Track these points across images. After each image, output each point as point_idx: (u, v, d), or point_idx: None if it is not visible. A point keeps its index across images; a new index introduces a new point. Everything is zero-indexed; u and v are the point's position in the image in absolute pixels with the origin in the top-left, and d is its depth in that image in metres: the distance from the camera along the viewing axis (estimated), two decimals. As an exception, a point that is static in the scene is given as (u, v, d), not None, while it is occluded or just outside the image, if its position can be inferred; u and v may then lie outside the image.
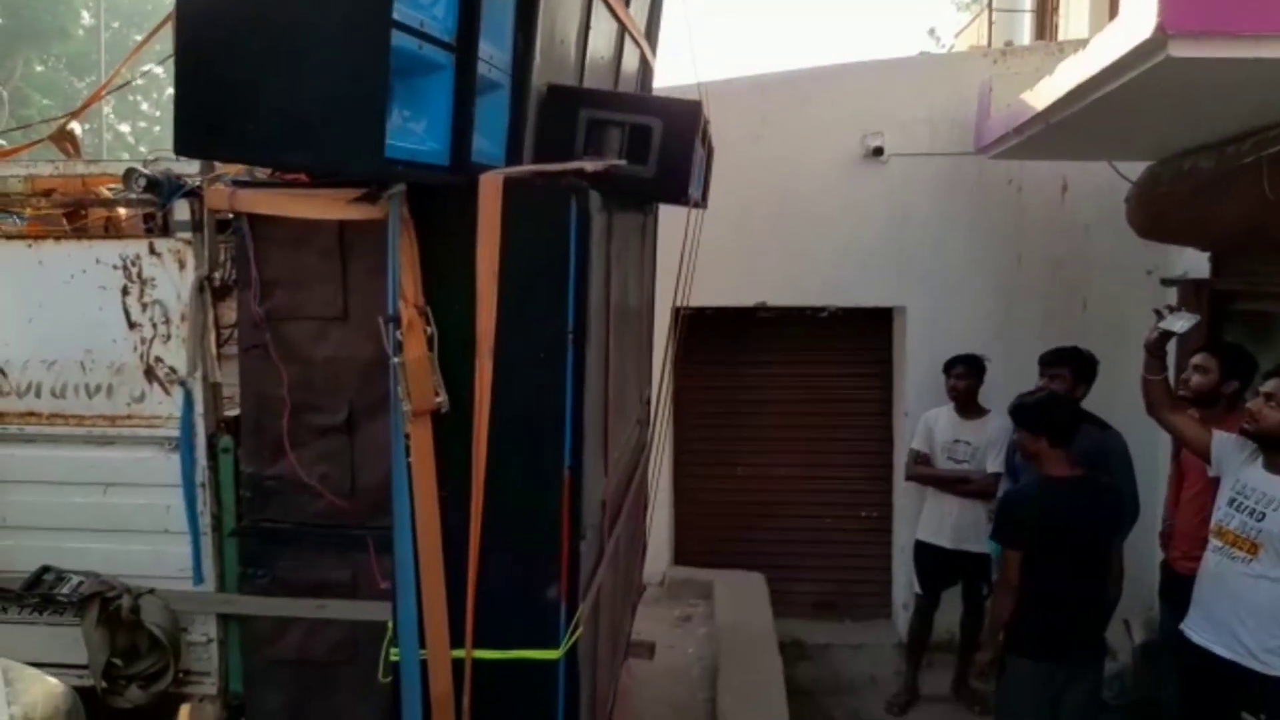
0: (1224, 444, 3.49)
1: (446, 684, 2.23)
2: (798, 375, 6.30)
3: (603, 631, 3.05)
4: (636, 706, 4.17)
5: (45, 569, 2.63)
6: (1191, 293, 4.91)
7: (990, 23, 9.35)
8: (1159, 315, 3.79)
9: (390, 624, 2.32)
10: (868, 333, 6.23)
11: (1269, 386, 3.30)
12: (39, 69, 23.88)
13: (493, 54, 2.20)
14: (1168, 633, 4.04)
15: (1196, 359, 3.91)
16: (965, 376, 5.10)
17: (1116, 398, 4.65)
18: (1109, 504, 3.80)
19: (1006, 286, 5.91)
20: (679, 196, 2.91)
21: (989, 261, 5.92)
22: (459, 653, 2.23)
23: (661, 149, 2.66)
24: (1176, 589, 3.85)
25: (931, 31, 15.21)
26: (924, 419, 5.27)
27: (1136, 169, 5.00)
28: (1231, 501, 3.36)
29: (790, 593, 6.01)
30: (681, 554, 6.22)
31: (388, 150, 1.76)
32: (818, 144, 5.92)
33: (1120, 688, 4.74)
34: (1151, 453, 4.97)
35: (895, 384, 6.20)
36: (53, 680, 1.69)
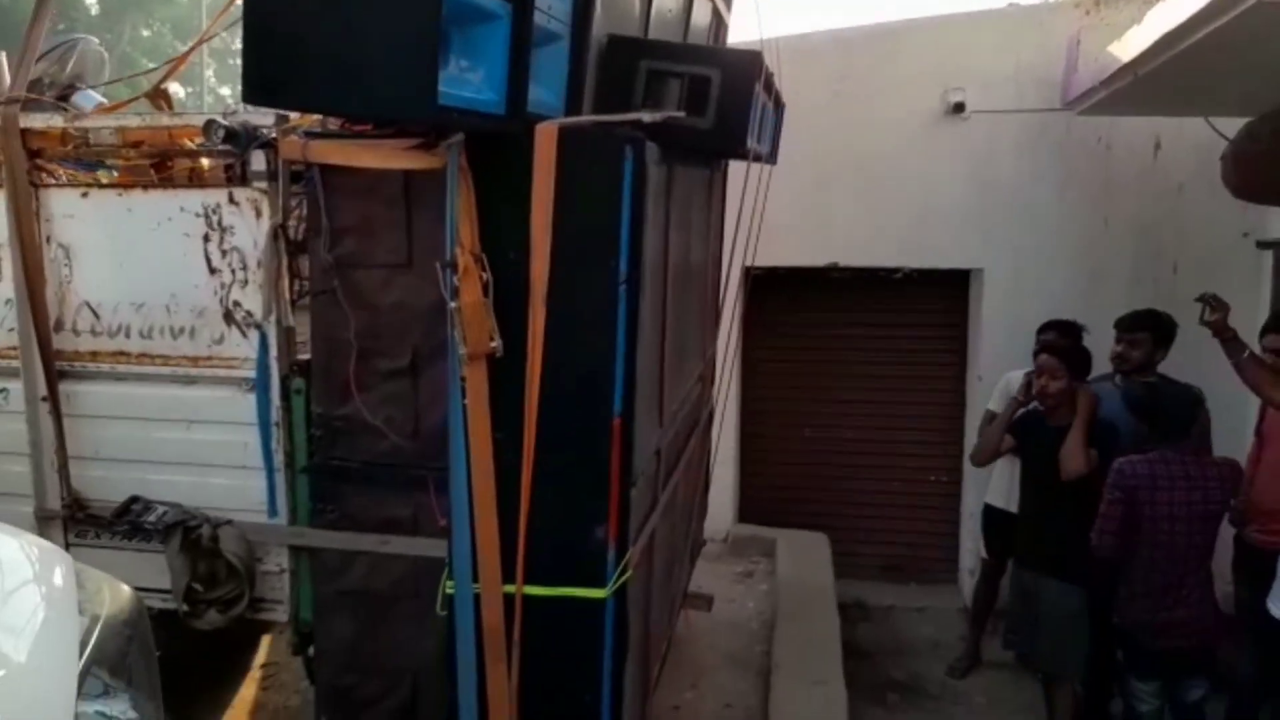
0: None
1: (498, 617, 2.32)
2: (869, 337, 6.22)
3: (655, 578, 3.11)
4: (693, 655, 4.25)
5: (134, 499, 2.81)
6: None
7: (1088, -27, 8.90)
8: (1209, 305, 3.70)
9: (447, 559, 2.43)
10: (943, 295, 6.10)
11: None
12: (145, 33, 24.79)
13: (552, 5, 2.22)
14: (1243, 607, 3.91)
15: None
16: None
17: (1209, 367, 4.45)
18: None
19: (1093, 249, 5.70)
20: (737, 148, 2.90)
21: (1074, 223, 5.71)
22: (510, 588, 2.32)
23: (719, 100, 2.66)
24: (1254, 563, 3.72)
25: (1024, -16, 14.45)
26: (1004, 379, 5.06)
27: (1235, 125, 4.74)
28: None
29: (856, 555, 6.00)
30: (746, 512, 6.26)
31: (441, 98, 1.81)
32: (897, 100, 5.77)
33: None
34: (1240, 428, 4.76)
35: (970, 348, 6.07)
36: (120, 584, 1.83)
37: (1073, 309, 5.16)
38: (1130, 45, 3.97)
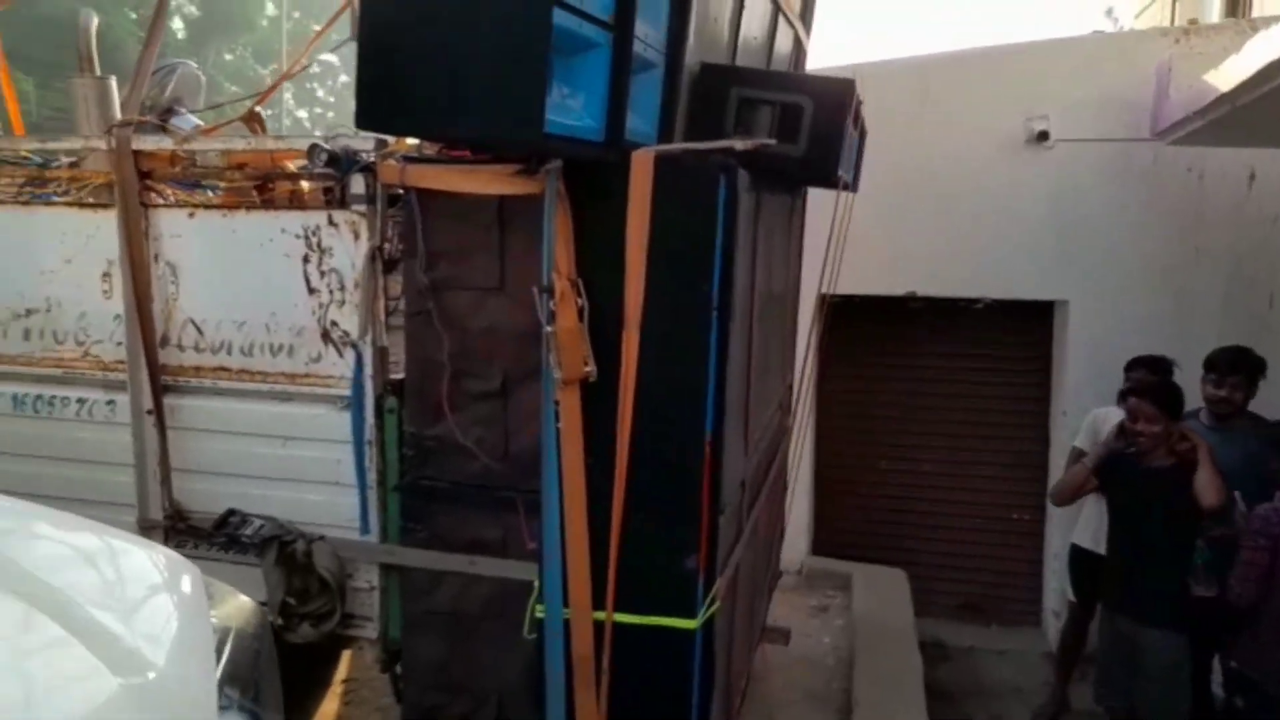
0: None
1: (588, 644, 2.31)
2: (948, 368, 6.10)
3: (739, 611, 3.07)
4: (770, 690, 4.17)
5: (231, 511, 2.88)
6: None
7: (1175, 0, 8.71)
8: None
9: (536, 583, 2.44)
10: (1025, 327, 5.97)
11: None
12: (228, 57, 25.81)
13: (648, 33, 2.25)
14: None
15: None
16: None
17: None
18: None
19: (1182, 281, 5.52)
20: (828, 177, 2.89)
21: (1163, 255, 5.55)
22: (600, 614, 2.31)
23: (812, 128, 2.65)
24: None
25: (1109, 12, 14.24)
26: (1092, 416, 4.92)
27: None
28: None
29: (932, 592, 5.85)
30: (820, 544, 6.16)
31: (547, 125, 1.84)
32: (978, 127, 5.70)
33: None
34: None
35: (1054, 382, 5.91)
36: (245, 597, 1.86)
37: (1161, 342, 4.99)
38: (1228, 75, 3.86)
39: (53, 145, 3.02)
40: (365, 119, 1.87)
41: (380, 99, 1.85)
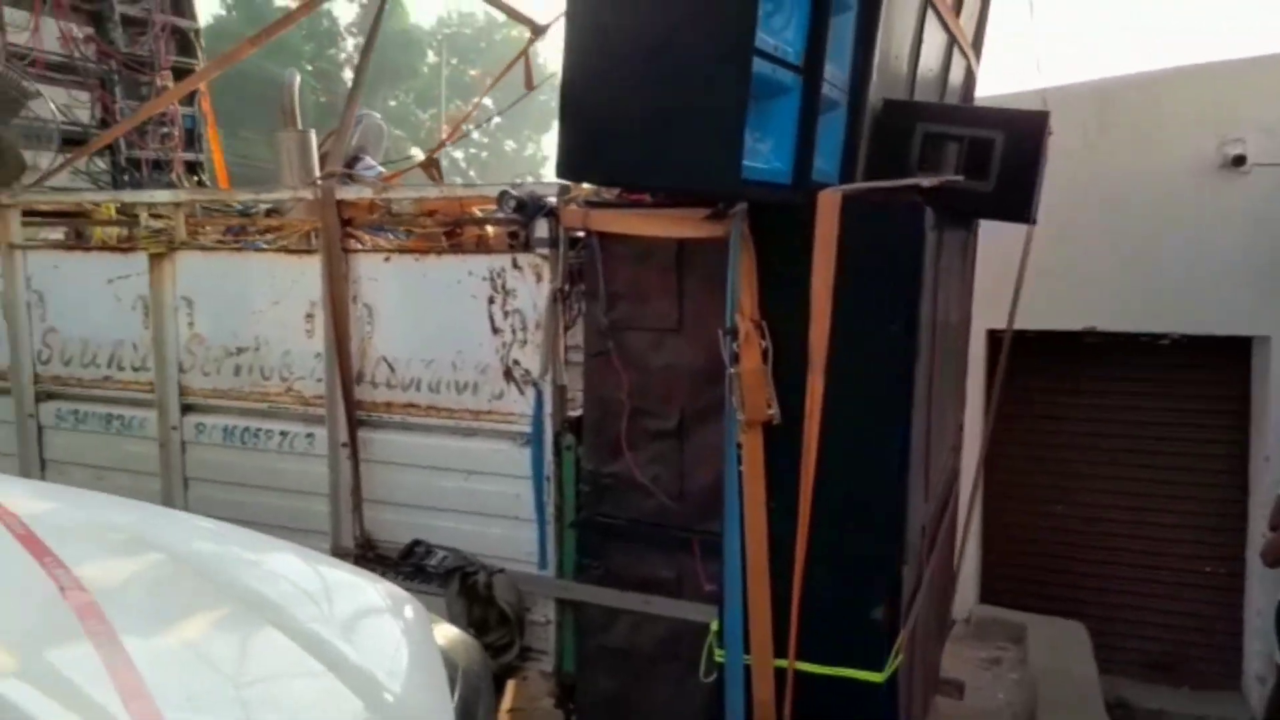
0: None
1: (769, 691, 2.27)
2: (1130, 408, 5.72)
3: (916, 661, 2.95)
4: (943, 745, 3.98)
5: (416, 542, 3.00)
6: None
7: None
8: None
9: (713, 626, 2.42)
10: (1219, 364, 5.53)
11: None
12: (391, 104, 27.47)
13: (833, 73, 2.23)
14: None
15: None
16: None
17: None
18: None
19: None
20: (1022, 213, 2.77)
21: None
22: (782, 662, 2.27)
23: (1003, 163, 2.56)
24: None
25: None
26: None
27: None
28: None
29: (1114, 647, 5.45)
30: (989, 592, 5.86)
31: (745, 171, 1.85)
32: (1165, 152, 5.36)
33: None
34: None
35: (1254, 424, 5.44)
36: (465, 634, 1.93)
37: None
38: None
39: (265, 196, 3.28)
40: (566, 170, 1.94)
41: (581, 151, 1.91)
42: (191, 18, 5.13)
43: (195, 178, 4.91)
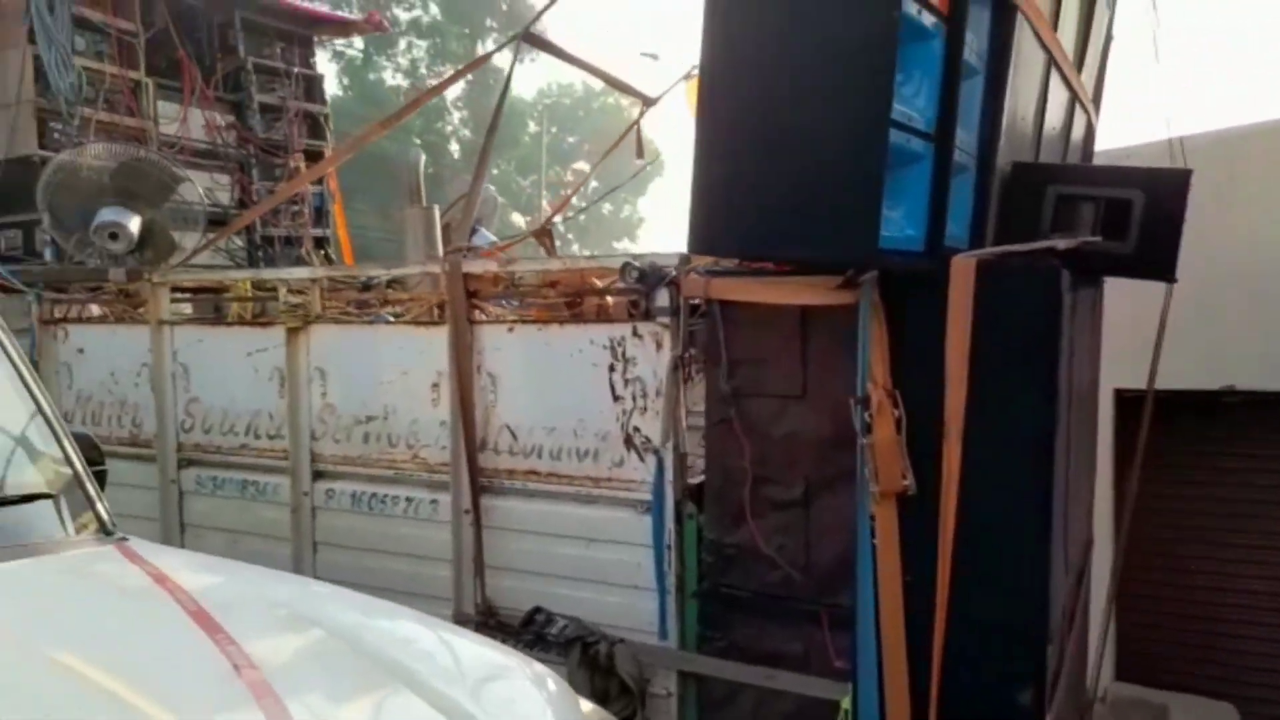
0: None
1: (908, 775, 2.17)
2: (1276, 471, 5.34)
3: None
4: (1085, 837, 3.71)
5: (537, 610, 3.01)
6: None
7: None
8: None
9: (844, 704, 2.33)
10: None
11: None
12: (494, 172, 28.45)
13: (963, 138, 2.21)
14: None
15: None
16: None
17: None
18: None
19: None
20: (1165, 272, 2.67)
21: None
22: (922, 746, 2.17)
23: (1143, 222, 2.47)
24: None
25: None
26: None
27: None
28: None
29: (1270, 732, 5.03)
30: (1125, 669, 5.49)
31: (881, 241, 1.83)
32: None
33: None
34: None
35: None
36: (601, 710, 1.91)
37: None
38: None
39: (397, 271, 3.42)
40: (698, 243, 1.96)
41: (713, 225, 1.93)
42: (322, 103, 5.47)
43: (322, 252, 5.18)
